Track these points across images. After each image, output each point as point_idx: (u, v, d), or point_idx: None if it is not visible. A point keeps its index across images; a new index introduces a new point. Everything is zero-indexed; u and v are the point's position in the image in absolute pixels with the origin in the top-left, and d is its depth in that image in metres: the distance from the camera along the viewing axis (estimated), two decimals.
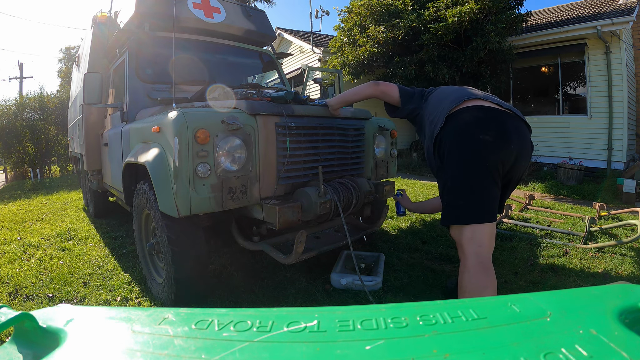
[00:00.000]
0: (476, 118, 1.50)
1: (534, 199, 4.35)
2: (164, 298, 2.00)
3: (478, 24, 6.53)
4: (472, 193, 1.47)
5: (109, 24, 3.67)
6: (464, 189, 1.49)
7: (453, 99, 1.60)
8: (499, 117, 1.52)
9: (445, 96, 1.71)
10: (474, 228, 1.48)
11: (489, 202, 1.49)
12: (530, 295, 0.59)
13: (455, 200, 1.52)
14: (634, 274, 2.33)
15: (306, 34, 11.10)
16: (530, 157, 1.66)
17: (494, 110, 1.53)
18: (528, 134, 1.62)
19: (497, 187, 1.51)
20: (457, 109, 1.56)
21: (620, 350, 0.41)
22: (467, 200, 1.48)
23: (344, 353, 0.47)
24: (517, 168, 1.56)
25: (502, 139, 1.47)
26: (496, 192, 1.51)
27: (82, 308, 0.66)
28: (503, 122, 1.51)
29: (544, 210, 4.02)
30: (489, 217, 1.49)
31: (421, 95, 1.88)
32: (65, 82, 18.91)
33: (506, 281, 2.27)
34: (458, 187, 1.51)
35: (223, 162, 1.72)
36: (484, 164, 1.46)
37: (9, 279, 2.54)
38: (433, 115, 1.68)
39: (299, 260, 1.88)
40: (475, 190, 1.47)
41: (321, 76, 4.83)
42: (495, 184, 1.49)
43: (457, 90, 1.72)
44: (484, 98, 1.59)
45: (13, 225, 4.30)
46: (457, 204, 1.51)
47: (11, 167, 12.19)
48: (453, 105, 1.56)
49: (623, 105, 6.58)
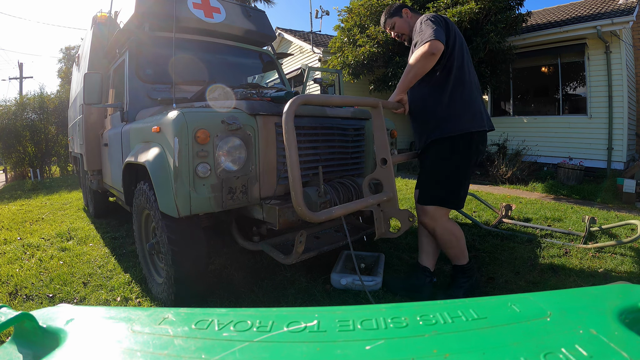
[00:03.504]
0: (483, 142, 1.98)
1: (512, 209, 3.73)
2: (164, 298, 2.00)
3: (478, 24, 6.53)
4: (460, 186, 1.96)
5: (109, 24, 3.67)
6: (456, 183, 1.94)
7: (478, 120, 1.91)
8: (486, 139, 2.04)
9: (471, 100, 1.92)
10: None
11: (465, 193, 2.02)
12: (530, 295, 0.59)
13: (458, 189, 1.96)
14: (634, 274, 2.33)
15: (306, 34, 11.10)
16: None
17: (486, 135, 2.00)
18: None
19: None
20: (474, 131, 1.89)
21: (620, 350, 0.41)
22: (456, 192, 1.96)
23: (344, 353, 0.47)
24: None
25: (483, 154, 2.02)
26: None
27: (82, 308, 0.66)
28: (486, 143, 2.05)
29: (521, 224, 3.41)
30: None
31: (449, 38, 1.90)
32: (65, 82, 18.92)
33: (506, 281, 2.27)
34: (452, 181, 1.93)
35: (223, 162, 1.72)
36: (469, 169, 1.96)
37: (9, 279, 2.54)
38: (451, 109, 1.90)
39: (299, 260, 1.88)
40: (468, 184, 2.00)
41: (321, 76, 4.84)
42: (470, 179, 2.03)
43: (478, 105, 1.95)
44: (486, 115, 1.97)
45: (13, 225, 4.30)
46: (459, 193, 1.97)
47: (11, 167, 12.19)
48: (477, 129, 1.89)
49: (623, 105, 6.58)
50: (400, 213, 1.70)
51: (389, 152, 1.73)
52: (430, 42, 1.73)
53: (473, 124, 1.88)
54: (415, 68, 1.80)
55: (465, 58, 1.94)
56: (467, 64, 1.93)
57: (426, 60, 1.76)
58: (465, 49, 1.97)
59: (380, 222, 1.76)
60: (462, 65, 1.90)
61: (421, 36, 1.80)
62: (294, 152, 1.36)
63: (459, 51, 1.91)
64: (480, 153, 1.96)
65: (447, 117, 1.89)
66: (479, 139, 1.92)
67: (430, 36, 1.74)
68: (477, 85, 2.00)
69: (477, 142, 1.92)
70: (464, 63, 1.92)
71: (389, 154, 1.73)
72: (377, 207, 1.76)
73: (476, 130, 1.88)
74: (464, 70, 1.91)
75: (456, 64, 1.88)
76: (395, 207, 1.73)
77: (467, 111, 1.88)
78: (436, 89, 1.92)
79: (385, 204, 1.74)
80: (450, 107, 1.89)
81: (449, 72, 1.88)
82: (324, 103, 1.70)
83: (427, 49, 1.73)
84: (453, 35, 1.89)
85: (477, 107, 1.92)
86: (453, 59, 1.88)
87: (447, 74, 1.89)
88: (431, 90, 1.94)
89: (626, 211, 4.31)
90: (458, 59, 1.89)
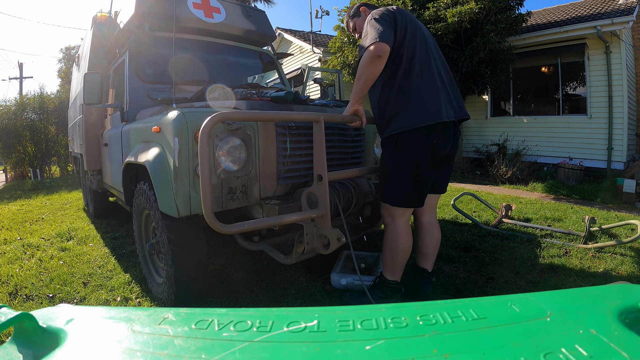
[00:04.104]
0: (437, 135, 1.78)
1: (512, 209, 3.75)
2: (164, 298, 2.00)
3: (478, 24, 6.53)
4: (411, 185, 1.83)
5: (109, 24, 3.67)
6: (410, 181, 1.82)
7: (431, 113, 1.76)
8: (449, 129, 1.83)
9: (421, 92, 1.78)
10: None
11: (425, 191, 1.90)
12: (530, 295, 0.59)
13: (404, 188, 1.84)
14: (634, 274, 2.33)
15: (306, 34, 11.10)
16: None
17: (449, 125, 1.83)
18: (459, 128, 1.97)
19: (432, 177, 1.88)
20: (425, 125, 1.74)
21: (620, 350, 0.41)
22: (406, 191, 1.85)
23: (344, 353, 0.47)
24: (450, 152, 1.93)
25: (446, 145, 1.84)
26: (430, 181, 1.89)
27: (82, 308, 0.66)
28: (450, 133, 1.84)
29: (521, 224, 3.41)
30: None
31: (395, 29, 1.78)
32: (65, 82, 18.92)
33: (506, 281, 2.27)
34: (402, 180, 1.83)
35: (223, 162, 1.72)
36: (432, 164, 1.82)
37: (9, 279, 2.54)
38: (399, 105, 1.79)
39: (299, 260, 1.88)
40: (421, 183, 1.84)
41: (321, 76, 4.84)
42: (432, 175, 1.87)
43: (433, 96, 1.79)
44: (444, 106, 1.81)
45: (13, 225, 4.30)
46: (405, 192, 1.84)
47: (11, 167, 12.19)
48: (427, 123, 1.74)
49: (623, 105, 6.58)
50: (330, 232, 1.64)
51: (325, 169, 1.67)
52: (375, 45, 1.65)
53: (423, 117, 1.74)
54: (364, 75, 1.71)
55: (418, 48, 1.81)
56: (419, 55, 1.80)
57: (373, 65, 1.68)
58: (422, 37, 1.85)
59: (311, 237, 1.71)
60: (412, 57, 1.79)
61: (365, 41, 1.73)
62: (207, 165, 1.38)
63: (411, 42, 1.80)
64: (439, 147, 1.81)
65: (396, 114, 1.79)
66: (433, 132, 1.76)
67: (374, 39, 1.67)
68: (437, 73, 1.85)
69: (431, 136, 1.76)
70: (416, 54, 1.80)
71: (325, 171, 1.67)
72: (312, 221, 1.71)
73: (427, 124, 1.73)
74: (414, 61, 1.79)
75: (406, 56, 1.78)
76: (327, 224, 1.66)
77: (416, 105, 1.75)
78: (385, 87, 1.83)
79: (319, 220, 1.69)
80: (398, 103, 1.79)
81: (397, 66, 1.79)
82: (247, 119, 1.58)
83: (372, 52, 1.65)
84: (403, 28, 1.79)
85: (430, 99, 1.77)
86: (402, 53, 1.78)
87: (395, 68, 1.80)
88: (381, 89, 1.86)
89: (626, 211, 4.31)
90: (408, 51, 1.79)
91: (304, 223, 1.70)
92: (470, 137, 8.71)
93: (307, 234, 1.72)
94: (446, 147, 1.87)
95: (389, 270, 1.93)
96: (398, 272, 1.92)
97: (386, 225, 1.93)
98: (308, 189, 1.75)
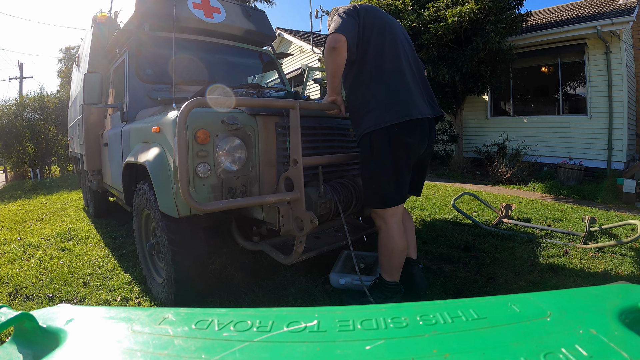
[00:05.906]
0: (409, 133, 1.77)
1: (512, 209, 3.73)
2: (164, 298, 2.00)
3: (478, 24, 6.53)
4: (388, 184, 1.82)
5: (109, 24, 3.67)
6: (388, 179, 1.81)
7: (401, 110, 1.73)
8: (424, 127, 1.82)
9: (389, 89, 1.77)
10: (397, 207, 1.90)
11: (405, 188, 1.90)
12: (530, 295, 0.59)
13: (383, 188, 1.83)
14: (634, 274, 2.33)
15: (306, 34, 11.10)
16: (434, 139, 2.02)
17: (422, 123, 1.81)
18: (434, 127, 1.97)
19: (409, 176, 1.89)
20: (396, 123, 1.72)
21: (620, 350, 0.41)
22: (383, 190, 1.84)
23: (344, 353, 0.47)
24: (425, 153, 1.95)
25: (421, 144, 1.85)
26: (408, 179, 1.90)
27: (82, 308, 0.66)
28: (425, 131, 1.83)
29: (521, 224, 3.40)
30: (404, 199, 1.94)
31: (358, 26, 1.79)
32: (65, 82, 18.90)
33: (506, 281, 2.27)
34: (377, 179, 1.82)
35: (223, 162, 1.72)
36: (406, 162, 1.82)
37: (9, 279, 2.54)
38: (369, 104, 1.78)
39: (299, 260, 1.88)
40: (400, 181, 1.84)
41: (321, 76, 4.83)
42: (409, 174, 1.88)
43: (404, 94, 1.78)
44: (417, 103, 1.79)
45: (13, 225, 4.30)
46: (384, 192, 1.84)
47: (11, 167, 12.19)
48: (397, 120, 1.72)
49: (623, 105, 6.58)
50: (304, 214, 1.68)
51: (300, 153, 1.68)
52: (330, 37, 1.68)
53: (392, 115, 1.72)
54: (329, 67, 1.74)
55: (387, 44, 1.80)
56: (388, 51, 1.79)
57: (331, 56, 1.69)
58: (391, 34, 1.84)
59: (287, 219, 1.74)
60: (381, 54, 1.78)
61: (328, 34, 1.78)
62: (184, 152, 1.42)
63: (379, 38, 1.79)
64: (413, 146, 1.79)
65: (366, 113, 1.78)
66: (404, 130, 1.73)
67: (331, 31, 1.71)
68: (409, 70, 1.85)
69: (402, 135, 1.74)
70: (384, 51, 1.79)
71: (300, 156, 1.68)
72: (288, 204, 1.73)
73: (397, 121, 1.71)
74: (383, 59, 1.78)
75: (373, 54, 1.78)
76: (301, 207, 1.69)
77: (385, 102, 1.75)
78: (355, 85, 1.84)
79: (294, 203, 1.72)
80: (367, 102, 1.79)
81: (364, 64, 1.79)
82: (224, 105, 1.61)
83: (327, 44, 1.69)
84: (369, 24, 1.79)
85: (400, 97, 1.76)
86: (369, 50, 1.78)
87: (362, 66, 1.80)
88: (352, 87, 1.87)
89: (626, 211, 4.31)
90: (376, 49, 1.78)
91: (280, 205, 1.72)
92: (470, 137, 8.71)
93: (282, 215, 1.74)
94: (422, 147, 1.87)
95: (387, 272, 1.93)
96: (396, 273, 1.93)
97: (379, 229, 1.94)
98: (285, 173, 1.77)
